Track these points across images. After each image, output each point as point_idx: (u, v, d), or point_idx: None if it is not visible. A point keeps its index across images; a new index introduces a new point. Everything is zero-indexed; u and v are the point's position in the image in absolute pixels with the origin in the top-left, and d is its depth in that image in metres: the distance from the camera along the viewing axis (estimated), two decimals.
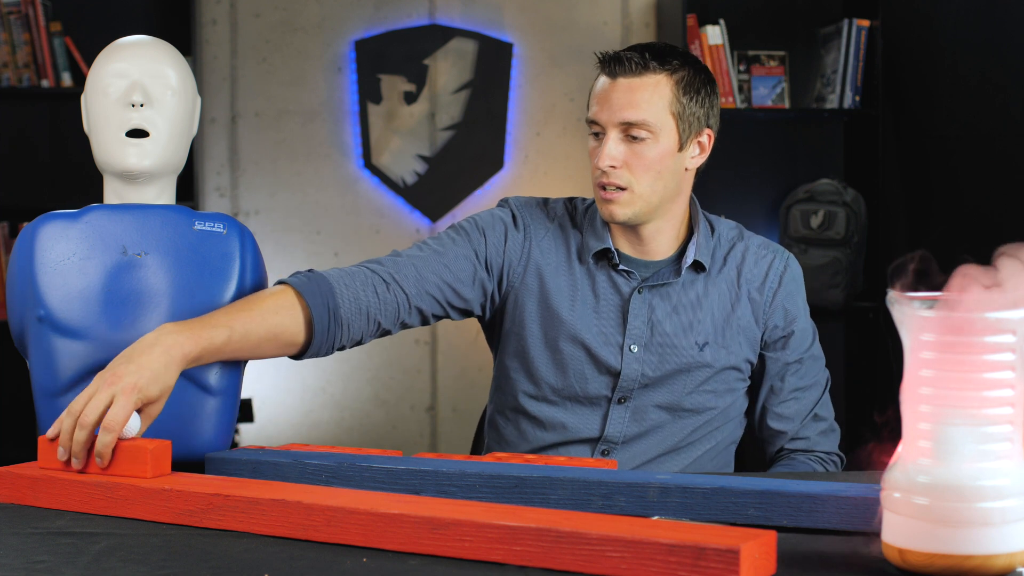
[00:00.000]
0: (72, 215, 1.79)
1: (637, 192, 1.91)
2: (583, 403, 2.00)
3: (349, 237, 4.32)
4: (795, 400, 2.03)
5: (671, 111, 1.90)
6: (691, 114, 1.92)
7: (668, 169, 1.93)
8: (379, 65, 4.30)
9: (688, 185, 2.01)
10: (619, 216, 1.92)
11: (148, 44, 1.85)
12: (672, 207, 1.98)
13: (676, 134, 1.92)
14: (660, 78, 1.90)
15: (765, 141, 4.42)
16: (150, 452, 1.47)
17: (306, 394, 4.32)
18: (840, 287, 4.13)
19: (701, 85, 1.94)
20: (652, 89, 1.89)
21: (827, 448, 2.05)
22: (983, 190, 3.62)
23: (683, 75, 1.92)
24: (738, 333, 1.99)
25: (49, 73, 4.00)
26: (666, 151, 1.91)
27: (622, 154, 1.90)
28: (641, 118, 1.89)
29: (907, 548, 1.10)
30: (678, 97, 1.91)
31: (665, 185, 1.94)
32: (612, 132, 1.90)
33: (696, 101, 1.93)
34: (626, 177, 1.91)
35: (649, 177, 1.91)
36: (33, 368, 1.76)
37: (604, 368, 1.98)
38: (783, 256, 2.05)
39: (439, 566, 1.20)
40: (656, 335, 1.97)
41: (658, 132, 1.90)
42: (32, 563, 1.23)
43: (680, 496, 1.38)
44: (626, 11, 4.39)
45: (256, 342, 1.74)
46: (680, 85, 1.91)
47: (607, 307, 1.99)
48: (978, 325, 1.08)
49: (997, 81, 3.58)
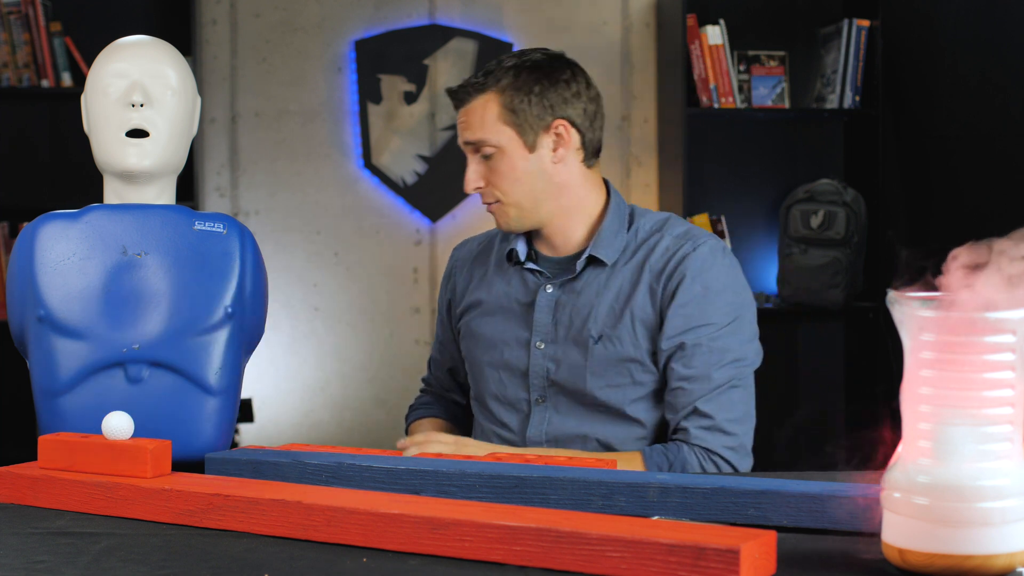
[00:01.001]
0: (72, 215, 1.79)
1: (508, 203, 2.00)
2: (513, 408, 2.06)
3: (349, 237, 4.32)
4: (680, 391, 1.95)
5: (503, 121, 1.97)
6: (526, 114, 1.97)
7: (528, 173, 1.99)
8: (379, 65, 4.30)
9: (575, 178, 2.02)
10: (506, 227, 2.03)
11: (148, 44, 1.85)
12: (563, 203, 2.02)
13: (518, 139, 1.98)
14: (488, 96, 1.98)
15: (765, 141, 4.42)
16: (150, 452, 1.47)
17: (306, 394, 4.32)
18: (840, 287, 4.13)
19: (533, 83, 1.98)
20: (481, 108, 1.98)
21: (707, 445, 1.93)
22: (983, 190, 3.62)
23: (507, 83, 1.98)
24: (635, 325, 1.97)
25: (49, 73, 4.00)
26: (516, 159, 1.98)
27: (482, 173, 2.00)
28: (478, 138, 1.98)
29: (907, 548, 1.10)
30: (506, 106, 1.97)
31: (533, 188, 1.99)
32: (470, 156, 2.02)
33: (528, 101, 1.97)
34: (493, 192, 2.00)
35: (510, 186, 1.99)
36: (33, 368, 1.77)
37: (516, 370, 2.04)
38: (696, 242, 2.00)
39: (439, 566, 1.20)
40: (559, 330, 2.01)
41: (500, 145, 1.98)
42: (32, 563, 1.23)
43: (680, 496, 1.38)
44: (626, 11, 4.39)
45: None
46: (506, 94, 1.97)
47: (519, 307, 2.05)
48: (978, 325, 1.08)
49: (997, 81, 3.58)
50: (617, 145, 4.40)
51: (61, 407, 1.73)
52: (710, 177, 4.39)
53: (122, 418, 1.52)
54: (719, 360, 1.94)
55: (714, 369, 1.94)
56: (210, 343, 1.77)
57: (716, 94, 4.15)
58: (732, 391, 1.95)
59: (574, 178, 2.01)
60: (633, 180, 4.41)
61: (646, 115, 4.41)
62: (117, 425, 1.51)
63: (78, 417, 1.73)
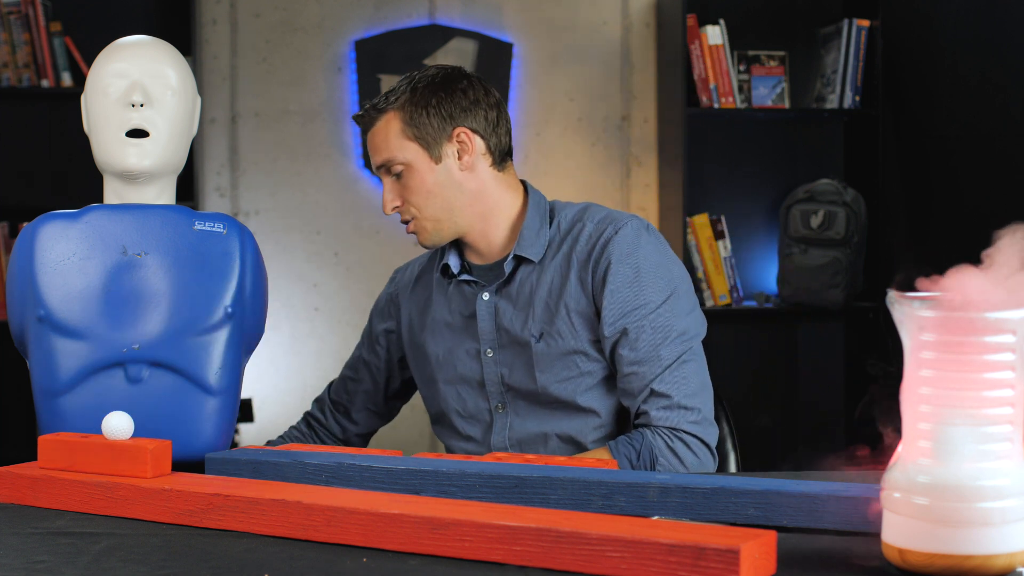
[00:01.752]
0: (72, 215, 1.79)
1: (424, 217, 2.01)
2: (476, 419, 2.07)
3: (349, 237, 4.32)
4: (633, 376, 1.95)
5: (406, 137, 1.99)
6: (427, 127, 1.99)
7: (439, 184, 2.00)
8: (379, 65, 4.30)
9: (487, 183, 2.04)
10: (425, 243, 2.05)
11: (148, 44, 1.85)
12: (479, 209, 2.03)
13: (423, 153, 2.00)
14: (388, 116, 2.01)
15: (765, 141, 4.42)
16: (150, 452, 1.47)
17: (306, 394, 4.32)
18: (840, 287, 4.13)
19: (429, 96, 2.00)
20: (384, 129, 2.01)
21: (671, 424, 1.92)
22: (983, 190, 3.63)
23: (404, 100, 2.00)
24: (571, 317, 1.98)
25: (49, 73, 4.00)
26: (424, 172, 2.00)
27: (396, 193, 2.02)
28: (384, 158, 2.00)
29: (907, 548, 1.10)
30: (407, 121, 1.99)
31: (445, 199, 2.01)
32: (383, 179, 2.03)
33: (427, 114, 1.99)
34: (409, 210, 2.01)
35: (424, 200, 2.00)
36: (33, 368, 1.77)
37: (472, 381, 2.06)
38: (617, 224, 2.00)
39: (439, 566, 1.20)
40: (502, 335, 2.03)
41: (407, 161, 2.00)
42: (32, 563, 1.23)
43: (680, 496, 1.38)
44: (626, 11, 4.39)
45: None
46: (405, 110, 2.00)
47: (462, 320, 2.07)
48: (978, 325, 1.08)
49: (997, 81, 3.58)
50: (617, 145, 4.40)
51: (61, 407, 1.73)
52: (710, 177, 4.39)
53: (122, 418, 1.52)
54: (664, 338, 1.95)
55: (661, 348, 1.94)
56: (210, 343, 1.77)
57: (716, 94, 4.15)
58: (683, 366, 1.95)
59: (486, 183, 2.03)
60: (633, 180, 4.41)
61: (646, 115, 4.41)
62: (117, 425, 1.51)
63: (78, 417, 1.73)
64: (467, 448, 2.09)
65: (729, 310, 4.23)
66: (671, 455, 1.91)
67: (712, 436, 1.96)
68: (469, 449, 2.08)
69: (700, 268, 4.20)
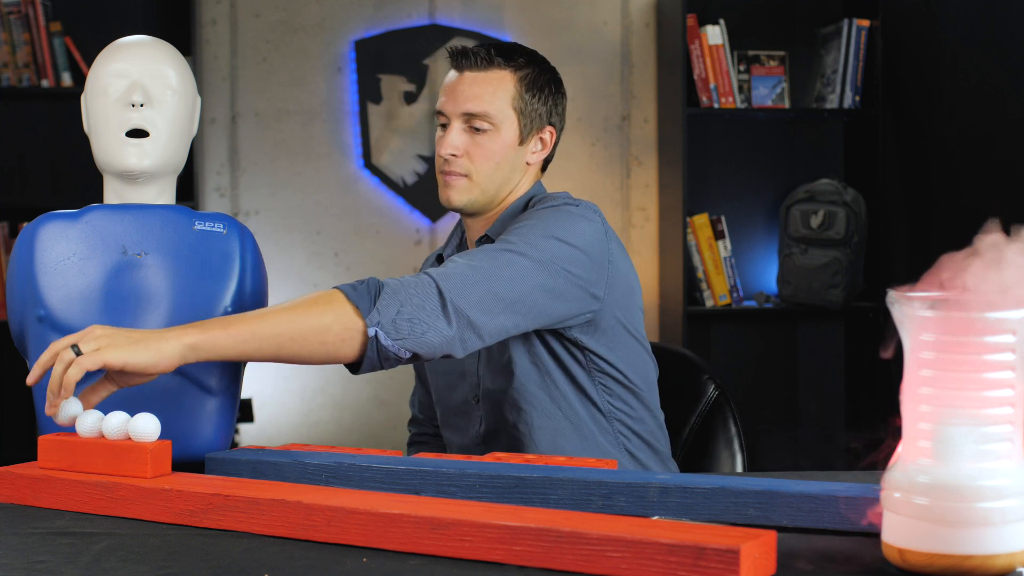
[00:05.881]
0: (72, 215, 1.79)
1: (476, 180, 1.98)
2: (458, 414, 2.06)
3: (349, 237, 4.32)
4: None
5: (513, 106, 1.98)
6: (533, 110, 1.99)
7: (507, 160, 1.99)
8: (379, 65, 4.30)
9: (529, 180, 2.05)
10: (455, 201, 1.99)
11: (148, 44, 1.85)
12: (508, 200, 2.02)
13: (517, 128, 1.99)
14: (504, 74, 1.98)
15: (765, 141, 4.42)
16: (150, 452, 1.47)
17: (306, 394, 4.32)
18: (840, 287, 4.13)
19: (545, 84, 2.01)
20: (496, 83, 1.97)
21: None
22: (983, 190, 3.63)
23: (527, 72, 1.99)
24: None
25: (49, 73, 4.00)
26: (507, 143, 1.98)
27: (464, 144, 1.97)
28: (483, 110, 1.96)
29: (907, 548, 1.10)
30: (521, 93, 1.98)
31: (504, 176, 1.99)
32: (456, 123, 1.98)
33: (539, 98, 2.00)
34: (467, 165, 1.97)
35: (488, 167, 1.98)
36: None
37: (456, 373, 2.05)
38: (553, 200, 1.94)
39: (439, 566, 1.20)
40: None
41: (499, 125, 1.97)
42: (32, 563, 1.23)
43: (680, 496, 1.38)
44: (626, 11, 4.39)
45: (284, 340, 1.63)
46: (524, 82, 1.98)
47: None
48: (978, 325, 1.08)
49: (997, 81, 3.58)
50: (617, 145, 4.40)
51: None
52: (710, 177, 4.39)
53: (149, 420, 1.51)
54: (502, 244, 1.81)
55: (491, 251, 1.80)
56: None
57: (716, 94, 4.15)
58: (473, 272, 1.76)
59: (527, 181, 2.04)
60: (633, 180, 4.41)
61: (646, 115, 4.41)
62: (144, 427, 1.50)
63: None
64: (453, 438, 2.08)
65: (729, 310, 4.23)
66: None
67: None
68: (455, 439, 2.08)
69: (700, 268, 4.20)
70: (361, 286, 1.66)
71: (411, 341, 1.67)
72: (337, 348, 1.64)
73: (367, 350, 1.65)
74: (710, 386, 2.23)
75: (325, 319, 1.62)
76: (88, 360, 1.50)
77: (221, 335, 1.57)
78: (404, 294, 1.68)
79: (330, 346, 1.63)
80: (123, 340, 1.53)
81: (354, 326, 1.64)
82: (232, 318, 1.60)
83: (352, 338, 1.64)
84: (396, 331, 1.65)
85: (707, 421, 2.23)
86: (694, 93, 4.17)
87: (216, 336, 1.57)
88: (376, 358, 1.66)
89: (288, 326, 1.60)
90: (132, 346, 1.52)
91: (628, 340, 1.99)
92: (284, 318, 1.61)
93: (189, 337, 1.55)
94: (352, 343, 1.64)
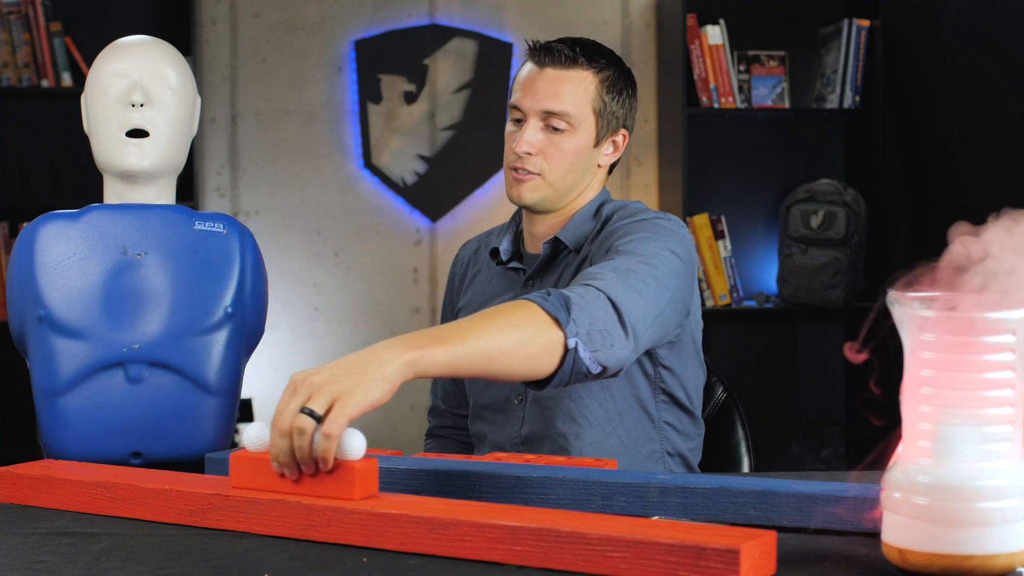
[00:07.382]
0: (72, 215, 1.79)
1: (549, 180, 1.96)
2: (495, 410, 2.03)
3: (349, 237, 4.32)
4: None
5: (593, 107, 1.95)
6: (611, 113, 1.97)
7: (582, 162, 1.97)
8: (379, 65, 4.30)
9: (598, 182, 2.03)
10: (527, 199, 1.96)
11: (148, 44, 1.85)
12: (578, 201, 2.01)
13: (594, 130, 1.96)
14: (587, 74, 1.95)
15: (765, 141, 4.42)
16: (358, 472, 1.33)
17: None
18: (840, 287, 4.13)
19: (624, 87, 1.99)
20: (578, 83, 1.94)
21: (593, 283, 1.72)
22: (983, 190, 3.62)
23: (608, 74, 1.97)
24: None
25: (49, 73, 4.00)
26: (582, 144, 1.96)
27: (540, 142, 1.94)
28: (563, 109, 1.93)
29: (907, 548, 1.10)
30: (601, 95, 1.95)
31: (576, 177, 1.98)
32: (533, 120, 1.95)
33: (617, 101, 1.98)
34: (540, 164, 1.95)
35: (563, 167, 1.95)
36: (33, 368, 1.77)
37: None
38: (638, 207, 1.95)
39: (439, 566, 1.20)
40: None
41: (577, 125, 1.95)
42: (32, 563, 1.23)
43: (680, 496, 1.38)
44: (626, 11, 4.39)
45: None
46: (605, 84, 1.96)
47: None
48: (978, 325, 1.08)
49: (997, 81, 3.58)
50: None
51: (61, 407, 1.73)
52: (710, 177, 4.39)
53: (356, 437, 1.34)
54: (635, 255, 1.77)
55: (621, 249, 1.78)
56: (210, 343, 1.77)
57: (716, 94, 4.15)
58: (636, 278, 1.72)
59: (596, 184, 2.03)
60: (633, 180, 4.41)
61: (646, 115, 4.41)
62: (350, 444, 1.34)
63: (78, 417, 1.73)
64: (488, 432, 2.04)
65: (729, 310, 4.23)
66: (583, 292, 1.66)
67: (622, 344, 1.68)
68: (489, 434, 2.04)
69: (700, 268, 4.21)
70: (550, 296, 1.57)
71: (603, 354, 1.60)
72: (540, 361, 1.54)
73: (563, 363, 1.56)
74: (719, 388, 2.23)
75: (527, 331, 1.52)
76: (335, 426, 1.31)
77: (439, 352, 1.42)
78: (589, 307, 1.60)
79: (535, 360, 1.53)
80: (348, 381, 1.34)
81: (556, 337, 1.54)
82: (438, 332, 1.46)
83: (554, 350, 1.54)
84: (591, 343, 1.57)
85: (715, 423, 2.22)
86: (694, 93, 4.17)
87: (434, 353, 1.42)
88: (570, 371, 1.57)
89: (497, 340, 1.49)
90: (361, 384, 1.34)
91: (694, 355, 2.00)
92: (491, 332, 1.49)
93: (407, 354, 1.39)
94: (553, 356, 1.55)
